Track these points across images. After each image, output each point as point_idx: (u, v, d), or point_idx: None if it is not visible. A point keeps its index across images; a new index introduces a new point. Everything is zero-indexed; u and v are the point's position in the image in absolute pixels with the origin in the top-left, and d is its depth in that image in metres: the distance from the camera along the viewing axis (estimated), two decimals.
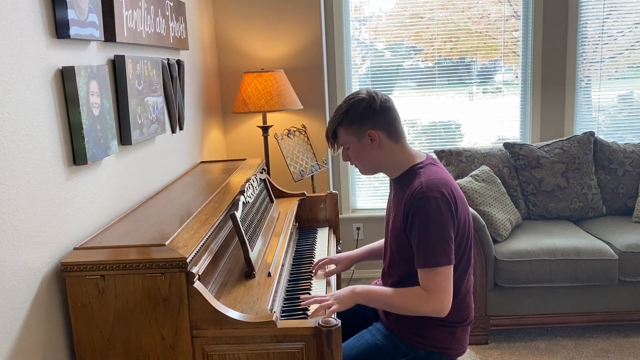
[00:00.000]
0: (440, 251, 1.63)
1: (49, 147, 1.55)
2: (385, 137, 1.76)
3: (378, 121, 1.75)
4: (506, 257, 2.86)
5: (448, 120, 3.89)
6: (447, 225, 1.65)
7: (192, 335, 1.51)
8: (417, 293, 1.67)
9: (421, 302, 1.65)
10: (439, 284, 1.64)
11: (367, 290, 1.76)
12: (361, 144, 1.77)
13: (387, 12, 3.74)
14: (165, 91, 2.44)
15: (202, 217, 1.84)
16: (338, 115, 1.78)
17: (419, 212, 1.65)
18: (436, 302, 1.64)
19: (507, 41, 3.73)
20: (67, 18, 1.58)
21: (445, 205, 1.65)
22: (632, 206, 3.29)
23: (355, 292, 1.74)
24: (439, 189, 1.66)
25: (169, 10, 2.48)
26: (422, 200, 1.65)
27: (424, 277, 1.66)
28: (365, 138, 1.75)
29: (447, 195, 1.66)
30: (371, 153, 1.78)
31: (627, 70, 3.72)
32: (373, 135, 1.75)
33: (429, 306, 1.65)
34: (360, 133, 1.76)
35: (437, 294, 1.64)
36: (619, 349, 2.84)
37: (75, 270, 1.50)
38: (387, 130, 1.76)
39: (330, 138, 1.83)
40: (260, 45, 3.51)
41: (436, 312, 1.65)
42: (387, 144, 1.77)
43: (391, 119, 1.77)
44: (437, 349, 1.78)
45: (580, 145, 3.35)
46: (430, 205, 1.64)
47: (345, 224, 3.77)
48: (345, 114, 1.76)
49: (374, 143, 1.76)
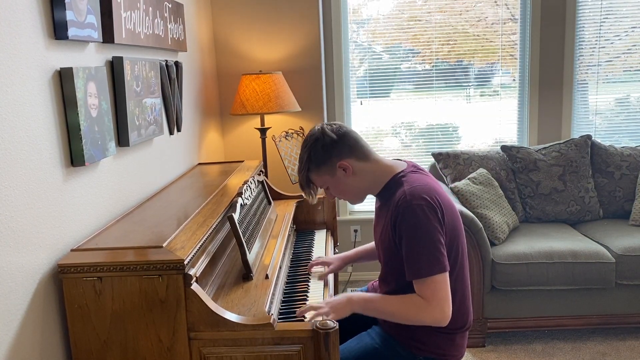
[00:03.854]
0: (432, 259, 1.60)
1: (47, 148, 1.55)
2: (356, 161, 1.77)
3: (342, 151, 1.75)
4: (503, 260, 2.86)
5: (445, 123, 3.90)
6: (435, 232, 1.62)
7: (189, 338, 1.51)
8: (415, 302, 1.63)
9: (420, 311, 1.62)
10: (436, 293, 1.60)
11: (363, 299, 1.73)
12: (336, 178, 1.78)
13: (385, 14, 3.75)
14: (164, 93, 2.44)
15: (200, 219, 1.84)
16: (303, 164, 1.79)
17: (405, 222, 1.63)
18: (435, 311, 1.60)
19: (504, 44, 3.74)
20: (66, 19, 1.58)
21: (431, 212, 1.62)
22: (629, 209, 3.29)
23: (352, 300, 1.71)
24: (423, 195, 1.64)
25: (167, 12, 2.48)
26: (407, 210, 1.63)
27: (419, 288, 1.63)
28: (338, 171, 1.76)
29: (432, 201, 1.63)
30: (350, 182, 1.78)
31: (623, 73, 3.74)
32: (344, 165, 1.75)
33: (428, 316, 1.61)
34: (331, 169, 1.77)
35: (435, 303, 1.60)
36: (616, 352, 2.84)
37: (72, 272, 1.50)
38: (354, 154, 1.77)
39: (305, 187, 1.83)
40: (258, 48, 3.51)
41: (436, 322, 1.62)
42: (361, 167, 1.77)
43: (353, 143, 1.77)
44: (436, 355, 1.76)
45: (577, 148, 3.36)
46: (415, 214, 1.62)
47: (342, 226, 3.77)
48: (309, 159, 1.77)
49: (347, 172, 1.76)
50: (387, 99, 3.85)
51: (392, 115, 3.86)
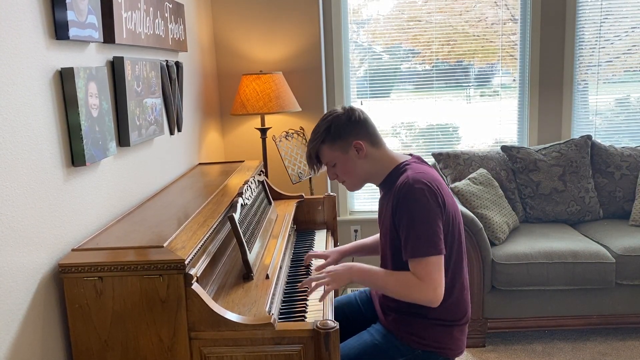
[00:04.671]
0: (430, 241, 1.63)
1: (48, 148, 1.55)
2: (369, 146, 1.80)
3: (360, 131, 1.79)
4: (503, 260, 2.87)
5: (446, 123, 3.90)
6: (434, 216, 1.65)
7: (190, 337, 1.51)
8: (409, 279, 1.66)
9: (413, 289, 1.65)
10: (430, 274, 1.63)
11: (364, 270, 1.77)
12: (348, 156, 1.80)
13: (385, 15, 3.75)
14: (164, 93, 2.45)
15: (201, 219, 1.84)
16: (319, 134, 1.81)
17: (405, 203, 1.67)
18: (428, 290, 1.63)
19: (504, 44, 3.74)
20: (67, 19, 1.58)
21: (431, 196, 1.65)
22: (629, 209, 3.30)
23: (353, 269, 1.76)
24: (424, 181, 1.67)
25: (168, 12, 2.48)
26: (409, 192, 1.66)
27: (414, 267, 1.66)
28: (351, 150, 1.79)
29: (433, 187, 1.67)
30: (358, 164, 1.81)
31: (624, 74, 3.74)
32: (359, 146, 1.78)
33: (421, 294, 1.64)
34: (346, 146, 1.79)
35: (428, 283, 1.63)
36: (616, 352, 2.85)
37: (73, 272, 1.50)
38: (370, 138, 1.81)
39: (313, 159, 1.85)
40: (258, 48, 3.51)
41: (428, 301, 1.65)
42: (372, 152, 1.81)
43: (371, 128, 1.83)
44: (435, 349, 1.78)
45: (577, 148, 3.36)
46: (416, 196, 1.65)
47: (343, 226, 3.77)
48: (327, 131, 1.80)
49: (360, 153, 1.79)
50: (387, 99, 3.85)
51: (393, 116, 3.86)
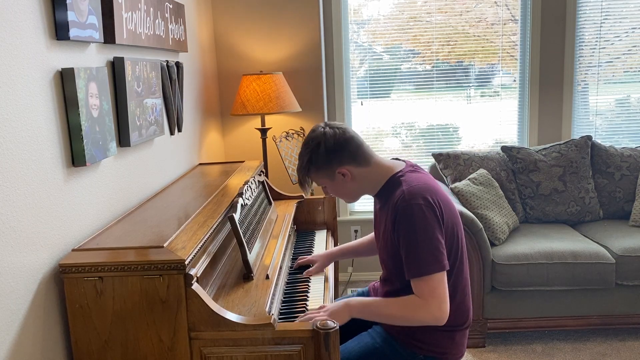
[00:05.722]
0: (431, 258, 1.61)
1: (48, 148, 1.55)
2: (355, 168, 1.77)
3: (343, 157, 1.75)
4: (504, 261, 2.87)
5: (446, 124, 3.90)
6: (434, 231, 1.63)
7: (190, 337, 1.51)
8: (414, 301, 1.64)
9: (418, 310, 1.62)
10: (434, 291, 1.61)
11: (361, 304, 1.73)
12: (335, 182, 1.79)
13: (386, 15, 3.75)
14: (164, 93, 2.45)
15: (201, 219, 1.84)
16: (303, 165, 1.79)
17: (404, 222, 1.64)
18: (433, 309, 1.61)
19: (505, 45, 3.74)
20: (67, 20, 1.58)
21: (429, 211, 1.63)
22: (629, 210, 3.30)
23: (350, 305, 1.71)
24: (421, 195, 1.65)
25: (168, 13, 2.48)
26: (406, 209, 1.64)
27: (417, 286, 1.63)
28: (337, 176, 1.77)
29: (431, 200, 1.65)
30: (347, 186, 1.80)
31: (624, 74, 3.74)
32: (343, 172, 1.76)
33: (428, 313, 1.62)
34: (331, 174, 1.78)
35: (433, 301, 1.61)
36: (616, 353, 2.85)
37: (73, 272, 1.50)
38: (355, 161, 1.76)
39: (304, 184, 1.83)
40: (259, 48, 3.51)
41: (435, 320, 1.63)
42: (359, 172, 1.78)
43: (354, 149, 1.76)
44: (437, 354, 1.77)
45: (577, 149, 3.36)
46: (414, 213, 1.63)
47: (343, 227, 3.77)
48: (310, 162, 1.77)
49: (346, 177, 1.77)
50: (387, 99, 3.85)
51: (393, 116, 3.86)
